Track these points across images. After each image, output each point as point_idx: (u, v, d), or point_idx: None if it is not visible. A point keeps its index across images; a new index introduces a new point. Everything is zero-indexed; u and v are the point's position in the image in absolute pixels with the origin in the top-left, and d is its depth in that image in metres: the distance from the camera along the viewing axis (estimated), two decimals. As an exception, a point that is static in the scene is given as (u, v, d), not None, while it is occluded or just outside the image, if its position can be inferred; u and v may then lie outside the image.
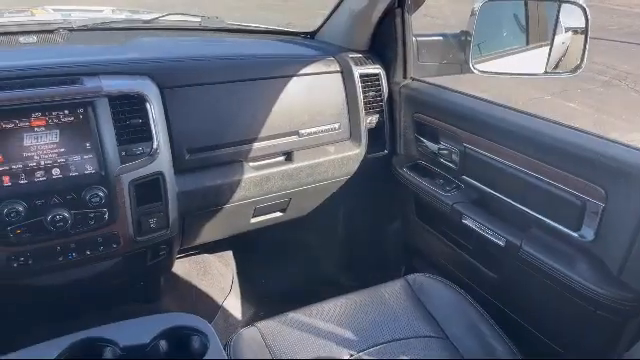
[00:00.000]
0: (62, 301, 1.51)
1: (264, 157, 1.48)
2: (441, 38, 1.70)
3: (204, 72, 1.37)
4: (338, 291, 1.32)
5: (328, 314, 1.21)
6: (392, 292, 1.29)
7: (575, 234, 1.15)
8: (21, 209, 1.09)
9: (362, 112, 1.57)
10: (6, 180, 1.08)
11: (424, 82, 1.61)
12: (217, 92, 1.36)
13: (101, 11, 1.78)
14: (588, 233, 1.13)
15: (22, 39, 1.43)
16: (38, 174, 1.11)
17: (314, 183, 1.57)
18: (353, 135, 1.59)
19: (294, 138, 1.49)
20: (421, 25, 1.69)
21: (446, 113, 1.47)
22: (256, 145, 1.44)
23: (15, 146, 1.09)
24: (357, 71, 1.55)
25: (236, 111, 1.39)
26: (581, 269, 1.11)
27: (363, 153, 1.61)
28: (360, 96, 1.56)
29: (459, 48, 1.61)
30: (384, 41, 1.63)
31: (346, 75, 1.56)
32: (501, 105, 1.37)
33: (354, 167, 1.61)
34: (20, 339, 0.96)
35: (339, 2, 1.64)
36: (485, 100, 1.42)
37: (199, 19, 1.73)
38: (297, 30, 1.87)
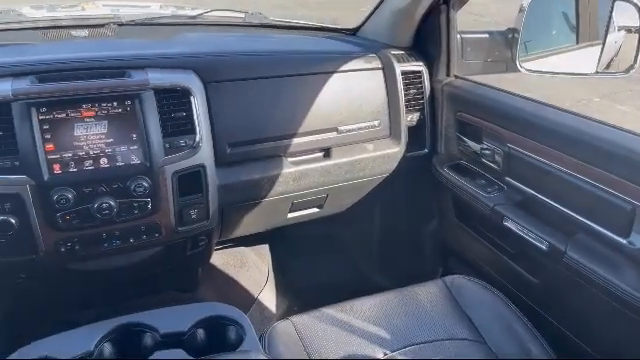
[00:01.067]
0: (105, 287, 1.56)
1: (302, 153, 1.49)
2: (487, 35, 1.66)
3: (247, 67, 1.38)
4: (372, 289, 1.32)
5: (362, 312, 1.21)
6: (428, 293, 1.27)
7: (624, 241, 1.10)
8: (70, 196, 1.13)
9: (403, 110, 1.55)
10: (57, 168, 1.12)
11: (468, 80, 1.58)
12: (259, 87, 1.38)
13: (148, 7, 1.82)
14: (638, 240, 1.08)
15: (74, 32, 1.49)
16: (87, 163, 1.15)
17: (352, 180, 1.56)
18: (393, 133, 1.58)
19: (333, 134, 1.49)
20: (465, 22, 1.66)
21: (490, 112, 1.44)
22: (295, 141, 1.44)
23: (66, 135, 1.13)
24: (399, 68, 1.54)
25: (277, 106, 1.40)
26: (629, 277, 1.06)
27: (402, 151, 1.59)
28: (401, 93, 1.54)
29: (505, 46, 1.57)
30: (427, 38, 1.60)
31: (387, 72, 1.54)
32: (548, 105, 1.32)
33: (393, 165, 1.60)
34: (64, 322, 1.00)
35: (383, -2, 1.63)
36: (531, 100, 1.38)
37: (243, 15, 1.75)
38: (339, 27, 1.86)
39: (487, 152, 1.47)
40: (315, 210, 1.63)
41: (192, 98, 1.24)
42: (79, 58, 1.25)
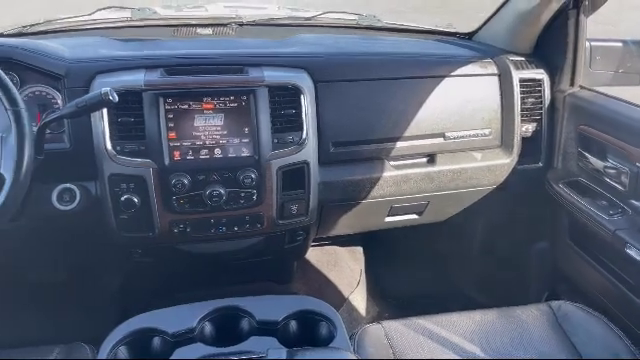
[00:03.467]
0: (207, 270, 1.66)
1: (406, 157, 1.46)
2: (620, 44, 1.52)
3: (358, 68, 1.39)
4: (467, 305, 1.26)
5: (458, 327, 1.16)
6: (531, 316, 1.18)
7: None
8: (185, 182, 1.21)
9: (517, 119, 1.47)
10: (176, 155, 1.21)
11: (594, 91, 1.45)
12: (368, 88, 1.38)
13: (265, 8, 1.91)
14: None
15: (199, 31, 1.60)
16: (203, 152, 1.23)
17: (456, 189, 1.51)
18: (504, 143, 1.50)
19: (439, 140, 1.45)
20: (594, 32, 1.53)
21: (619, 128, 1.31)
22: (399, 144, 1.42)
23: (187, 125, 1.22)
24: (517, 75, 1.45)
25: (384, 108, 1.39)
26: None
27: (514, 163, 1.50)
28: (518, 102, 1.45)
29: (641, 56, 1.42)
30: (552, 44, 1.50)
31: (504, 79, 1.46)
32: None
33: (502, 177, 1.52)
34: (169, 298, 1.08)
35: (504, 1, 1.55)
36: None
37: (356, 17, 1.77)
38: (454, 30, 1.81)
39: (611, 171, 1.34)
40: (414, 216, 1.60)
41: (302, 96, 1.28)
42: (203, 54, 1.34)
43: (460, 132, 1.45)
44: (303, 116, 1.28)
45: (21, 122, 1.00)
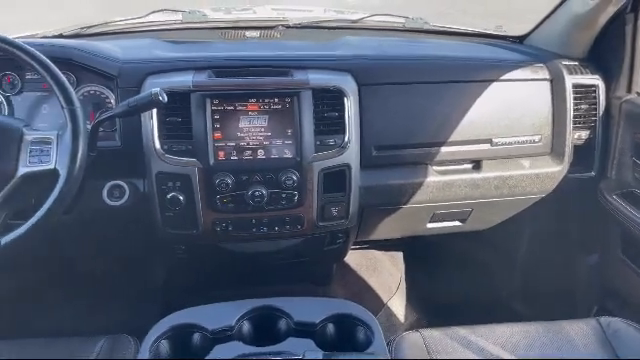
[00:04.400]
0: (247, 269, 1.68)
1: (450, 162, 1.43)
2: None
3: (403, 72, 1.38)
4: (510, 316, 1.22)
5: (500, 338, 1.12)
6: (579, 331, 1.13)
7: None
8: (229, 182, 1.23)
9: (569, 126, 1.41)
10: (221, 155, 1.24)
11: (654, 99, 1.38)
12: (413, 92, 1.36)
13: (311, 11, 1.92)
14: None
15: (248, 33, 1.63)
16: (246, 153, 1.25)
17: (501, 197, 1.47)
18: (554, 150, 1.44)
19: (486, 146, 1.41)
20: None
21: None
22: (444, 149, 1.40)
23: (232, 126, 1.24)
24: (570, 81, 1.40)
25: (429, 112, 1.37)
26: None
27: (564, 172, 1.44)
28: (570, 108, 1.40)
29: None
30: (608, 49, 1.44)
31: (556, 84, 1.41)
32: None
33: (551, 186, 1.46)
34: (209, 296, 1.10)
35: (558, 4, 1.49)
36: None
37: (403, 20, 1.75)
38: (504, 34, 1.76)
39: (671, 182, 1.27)
40: (457, 223, 1.57)
41: (345, 99, 1.28)
42: (249, 56, 1.36)
43: (508, 138, 1.41)
44: (346, 119, 1.28)
45: (76, 120, 1.05)
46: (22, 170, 1.04)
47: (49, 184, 1.03)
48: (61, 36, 1.51)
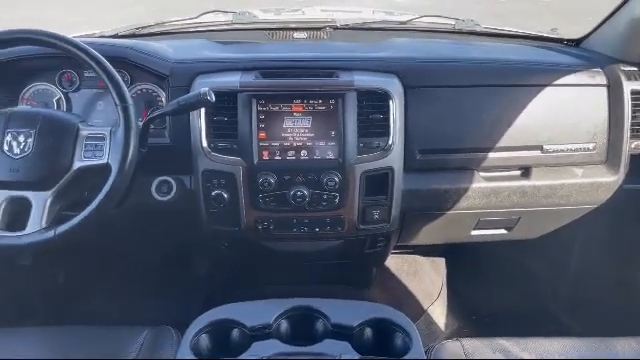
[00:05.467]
0: (287, 268, 1.70)
1: (498, 169, 1.40)
2: None
3: (451, 74, 1.35)
4: (558, 329, 1.17)
5: (545, 352, 1.08)
6: (633, 349, 1.07)
7: None
8: (272, 181, 1.25)
9: (626, 134, 1.34)
10: (265, 155, 1.25)
11: None
12: (461, 95, 1.33)
13: (360, 12, 1.91)
14: None
15: (295, 34, 1.64)
16: (289, 153, 1.26)
17: (551, 206, 1.41)
18: (610, 159, 1.38)
19: (536, 153, 1.36)
20: None
21: None
22: (492, 155, 1.36)
23: (276, 127, 1.25)
24: (629, 87, 1.33)
25: (477, 117, 1.33)
26: None
27: (619, 182, 1.38)
28: (628, 116, 1.33)
29: None
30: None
31: (613, 90, 1.35)
32: None
33: (604, 196, 1.40)
34: (248, 293, 1.11)
35: (618, 6, 1.42)
36: None
37: (453, 22, 1.71)
38: (559, 36, 1.69)
39: None
40: (503, 231, 1.52)
41: (391, 101, 1.26)
42: (296, 57, 1.37)
43: (560, 145, 1.36)
44: (391, 121, 1.26)
45: (129, 117, 1.09)
46: (77, 164, 1.09)
47: (101, 178, 1.08)
48: (117, 36, 1.57)
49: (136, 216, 1.32)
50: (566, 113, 1.35)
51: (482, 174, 1.39)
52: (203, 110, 1.23)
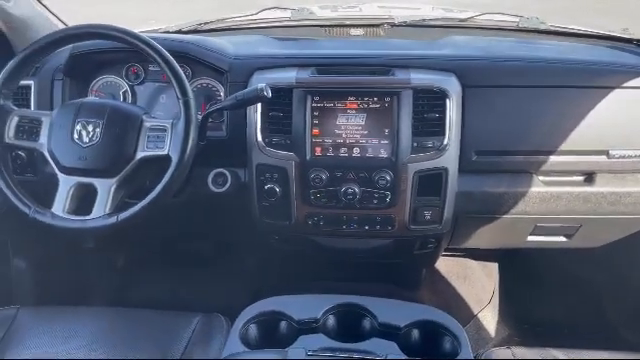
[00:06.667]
0: (335, 264, 1.71)
1: (558, 173, 1.34)
2: None
3: (512, 74, 1.31)
4: (617, 344, 1.11)
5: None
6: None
7: None
8: (323, 177, 1.26)
9: None
10: (318, 151, 1.26)
11: None
12: (521, 96, 1.28)
13: (419, 9, 1.88)
14: None
15: (352, 31, 1.64)
16: (342, 150, 1.26)
17: (615, 214, 1.34)
18: None
19: (601, 158, 1.29)
20: None
21: None
22: (552, 159, 1.31)
23: (330, 123, 1.26)
24: None
25: (538, 118, 1.28)
26: None
27: None
28: None
29: None
30: None
31: None
32: None
33: None
34: (296, 286, 1.13)
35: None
36: None
37: (517, 19, 1.65)
38: (631, 36, 1.60)
39: None
40: (562, 239, 1.46)
41: (448, 101, 1.24)
42: (352, 54, 1.37)
43: (628, 151, 1.28)
44: (447, 121, 1.24)
45: (189, 111, 1.13)
46: (140, 154, 1.14)
47: (162, 168, 1.12)
48: (180, 31, 1.63)
49: (192, 206, 1.37)
50: (635, 117, 1.27)
51: (541, 178, 1.34)
52: (259, 105, 1.26)
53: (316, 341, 0.91)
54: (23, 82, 1.29)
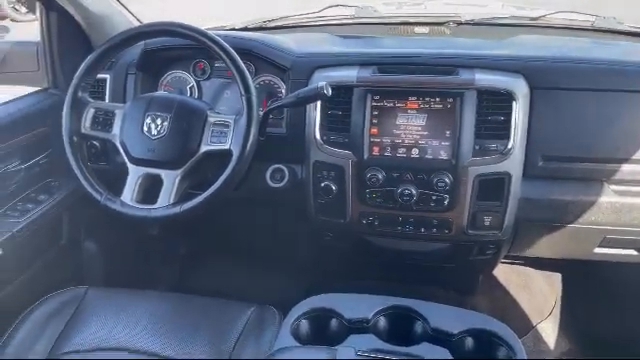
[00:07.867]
0: (389, 265, 1.69)
1: (632, 182, 1.25)
2: None
3: (585, 76, 1.24)
4: None
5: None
6: None
7: None
8: (380, 177, 1.25)
9: None
10: (376, 150, 1.25)
11: None
12: (596, 99, 1.21)
13: (486, 6, 1.82)
14: None
15: (416, 29, 1.61)
16: (400, 150, 1.24)
17: (698, 229, 1.24)
18: None
19: None
20: None
21: None
22: (627, 167, 1.23)
23: (389, 123, 1.24)
24: None
25: (613, 124, 1.21)
26: None
27: None
28: None
29: None
30: None
31: None
32: None
33: None
34: (348, 285, 1.13)
35: None
36: None
37: (593, 19, 1.57)
38: None
39: None
40: (634, 252, 1.37)
41: (514, 103, 1.19)
42: (415, 53, 1.35)
43: None
44: (512, 124, 1.19)
45: (251, 107, 1.16)
46: (204, 148, 1.18)
47: (223, 162, 1.16)
48: (246, 29, 1.67)
49: (250, 200, 1.40)
50: None
51: (613, 187, 1.26)
52: (319, 103, 1.26)
53: (366, 341, 0.91)
54: (100, 76, 1.38)
